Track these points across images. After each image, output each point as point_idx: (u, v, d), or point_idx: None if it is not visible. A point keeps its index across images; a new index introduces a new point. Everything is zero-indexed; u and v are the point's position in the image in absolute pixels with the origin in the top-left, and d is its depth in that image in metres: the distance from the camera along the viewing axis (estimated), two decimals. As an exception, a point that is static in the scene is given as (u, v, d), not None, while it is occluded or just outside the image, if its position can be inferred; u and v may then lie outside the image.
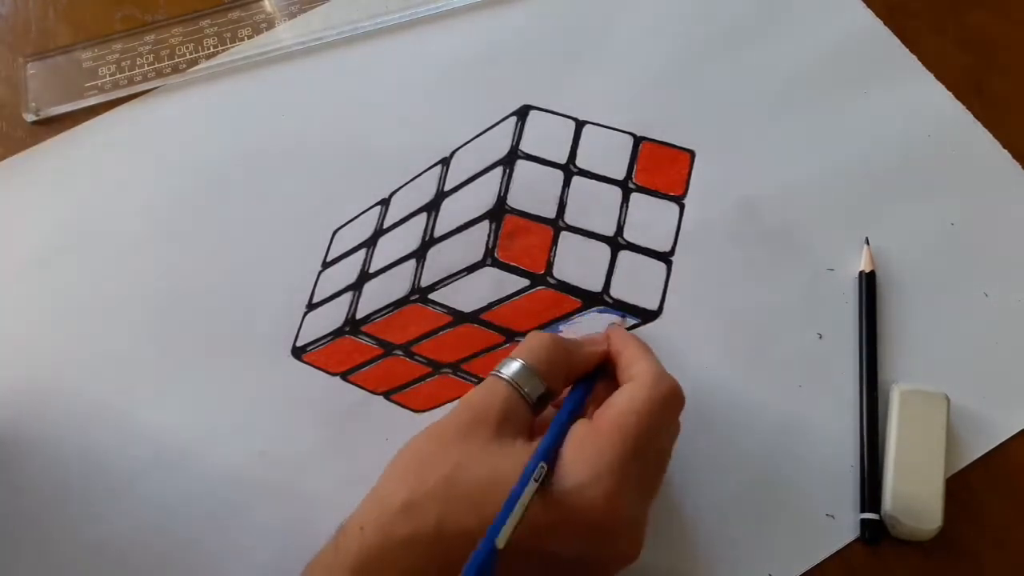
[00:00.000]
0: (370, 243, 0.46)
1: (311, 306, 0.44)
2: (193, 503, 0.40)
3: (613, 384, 0.35)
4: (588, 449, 0.31)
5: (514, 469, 0.30)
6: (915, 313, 0.43)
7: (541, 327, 0.43)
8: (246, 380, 0.43)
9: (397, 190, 0.47)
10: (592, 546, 0.31)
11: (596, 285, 0.44)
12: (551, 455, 0.31)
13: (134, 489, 0.40)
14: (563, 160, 0.47)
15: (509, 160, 0.47)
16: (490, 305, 0.44)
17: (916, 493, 0.38)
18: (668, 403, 0.33)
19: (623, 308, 0.43)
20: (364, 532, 0.31)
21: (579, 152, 0.47)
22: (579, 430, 0.32)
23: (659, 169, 0.47)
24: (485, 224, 0.45)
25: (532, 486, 0.29)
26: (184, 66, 0.50)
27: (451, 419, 0.33)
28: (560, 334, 0.39)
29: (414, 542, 0.30)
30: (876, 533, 0.38)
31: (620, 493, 0.31)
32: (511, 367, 0.34)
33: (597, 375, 0.36)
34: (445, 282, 0.44)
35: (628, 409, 0.32)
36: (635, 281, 0.44)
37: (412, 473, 0.32)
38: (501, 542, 0.27)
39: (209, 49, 0.51)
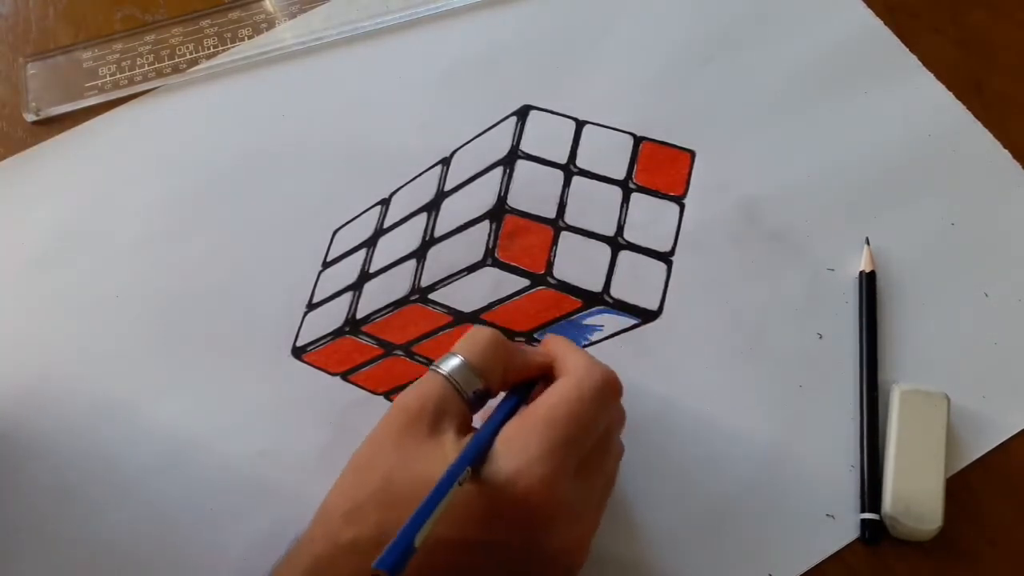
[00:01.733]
0: (370, 243, 0.46)
1: (311, 306, 0.44)
2: (193, 503, 0.40)
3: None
4: (519, 439, 0.31)
5: (447, 466, 0.30)
6: (915, 313, 0.43)
7: (542, 327, 0.43)
8: (246, 380, 0.43)
9: (397, 190, 0.47)
10: (533, 532, 0.31)
11: (596, 285, 0.44)
12: (479, 456, 0.31)
13: (134, 489, 0.40)
14: (563, 160, 0.47)
15: (509, 160, 0.47)
16: (490, 305, 0.44)
17: (916, 493, 0.38)
18: (600, 390, 0.33)
19: (623, 308, 0.43)
20: (314, 543, 0.32)
21: (579, 152, 0.47)
22: (514, 422, 0.32)
23: (659, 169, 0.47)
24: (485, 224, 0.45)
25: (453, 488, 0.29)
26: (184, 66, 0.50)
27: (387, 421, 0.33)
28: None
29: (357, 547, 0.31)
30: (876, 533, 0.38)
31: (555, 479, 0.31)
32: (449, 363, 0.34)
33: (534, 384, 0.35)
34: (445, 282, 0.44)
35: (559, 399, 0.32)
36: (635, 281, 0.44)
37: (352, 481, 0.32)
38: (418, 540, 0.27)
39: (209, 49, 0.51)
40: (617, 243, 0.45)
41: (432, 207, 0.46)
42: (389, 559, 0.26)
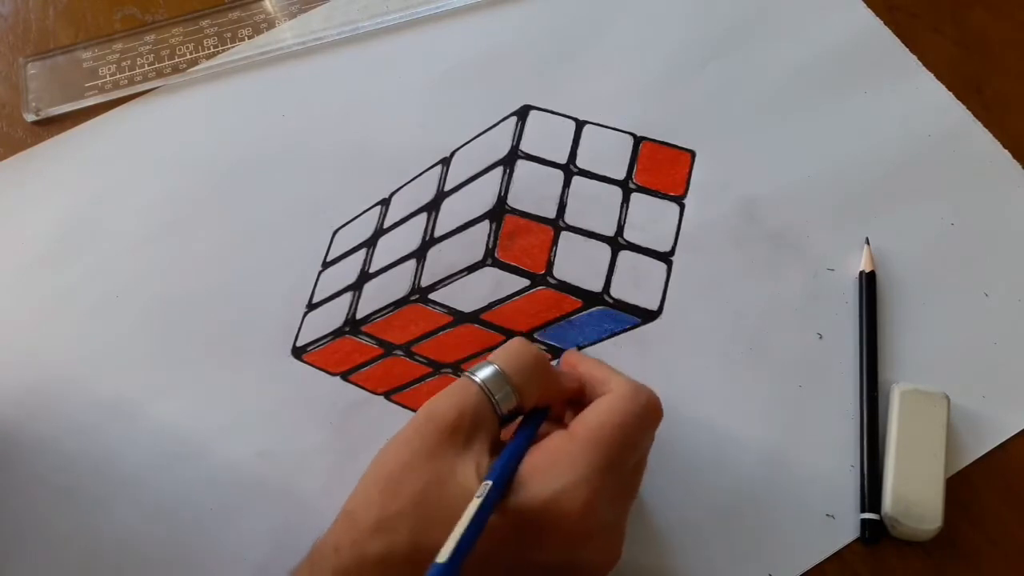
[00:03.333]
0: (370, 243, 0.46)
1: (311, 306, 0.44)
2: (193, 503, 0.40)
3: (579, 405, 0.34)
4: (564, 458, 0.31)
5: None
6: (915, 313, 0.43)
7: (542, 327, 0.43)
8: (246, 380, 0.43)
9: (397, 190, 0.47)
10: (569, 553, 0.31)
11: (596, 285, 0.44)
12: (505, 479, 0.30)
13: (134, 488, 0.40)
14: (563, 160, 0.47)
15: (509, 160, 0.47)
16: (490, 305, 0.44)
17: (916, 493, 0.38)
18: (647, 414, 0.32)
19: (623, 308, 0.43)
20: (339, 553, 0.31)
21: (579, 152, 0.47)
22: (556, 439, 0.32)
23: (659, 169, 0.47)
24: (485, 224, 0.45)
25: (475, 503, 0.29)
26: (184, 66, 0.50)
27: (417, 429, 0.32)
28: None
29: (388, 561, 0.30)
30: (876, 533, 0.38)
31: (596, 502, 0.30)
32: (486, 371, 0.32)
33: (549, 409, 0.35)
34: (445, 282, 0.44)
35: (606, 420, 0.31)
36: (635, 281, 0.44)
37: (383, 490, 0.31)
38: (443, 556, 0.27)
39: (209, 49, 0.51)
40: (617, 243, 0.45)
41: (432, 207, 0.46)
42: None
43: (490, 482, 0.29)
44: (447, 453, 0.31)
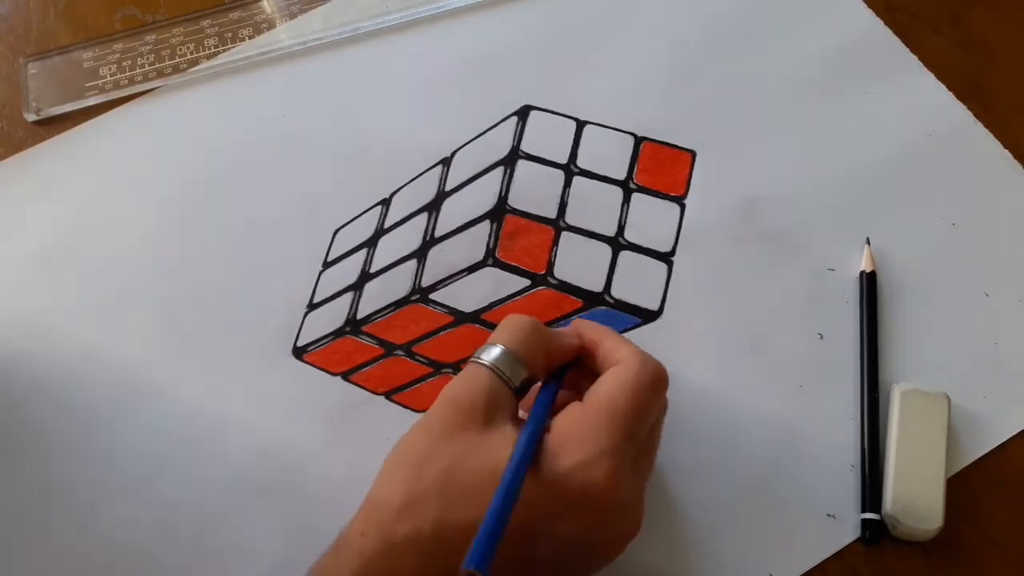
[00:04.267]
0: (371, 243, 0.46)
1: (312, 306, 0.44)
2: (192, 503, 0.40)
3: (591, 374, 0.34)
4: (585, 430, 0.31)
5: (506, 459, 0.30)
6: (915, 313, 0.43)
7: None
8: (246, 380, 0.43)
9: (398, 190, 0.47)
10: (596, 524, 0.31)
11: (597, 285, 0.44)
12: (532, 445, 0.31)
13: (133, 488, 0.40)
14: (564, 160, 0.47)
15: (510, 160, 0.47)
16: (491, 305, 0.44)
17: (916, 493, 0.38)
18: (656, 382, 0.33)
19: (623, 308, 0.43)
20: (365, 537, 0.31)
21: (580, 152, 0.47)
22: (573, 411, 0.32)
23: (660, 169, 0.47)
24: (486, 224, 0.45)
25: (512, 465, 0.29)
26: (184, 66, 0.50)
27: (437, 413, 0.33)
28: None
29: (416, 542, 0.30)
30: (876, 533, 0.38)
31: (619, 472, 0.31)
32: (492, 353, 0.33)
33: (567, 368, 0.36)
34: (446, 282, 0.44)
35: (620, 391, 0.32)
36: (636, 281, 0.44)
37: (407, 473, 0.32)
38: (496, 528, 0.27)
39: (209, 49, 0.51)
40: (617, 243, 0.45)
41: (433, 207, 0.46)
42: (478, 556, 0.27)
43: (519, 452, 0.30)
44: (469, 433, 0.32)
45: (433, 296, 0.44)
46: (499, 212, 0.46)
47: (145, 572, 0.39)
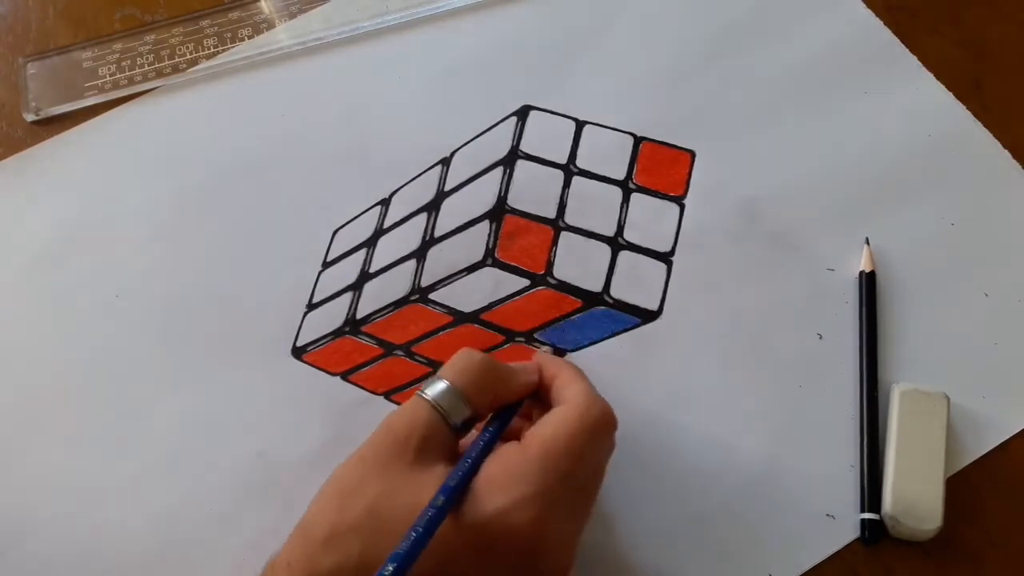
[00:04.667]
0: (370, 243, 0.46)
1: (311, 306, 0.44)
2: (192, 503, 0.40)
3: (545, 408, 0.34)
4: (514, 473, 0.31)
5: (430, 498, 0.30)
6: (915, 313, 0.43)
7: (542, 327, 0.43)
8: (246, 380, 0.43)
9: (397, 190, 0.47)
10: (521, 567, 0.30)
11: (596, 285, 0.44)
12: (461, 487, 0.30)
13: (133, 488, 0.40)
14: (563, 160, 0.47)
15: (509, 160, 0.47)
16: (490, 305, 0.44)
17: (916, 493, 0.38)
18: (598, 425, 0.32)
19: (623, 308, 0.43)
20: (291, 568, 0.31)
21: (579, 152, 0.47)
22: (508, 452, 0.32)
23: (659, 169, 0.47)
24: (485, 224, 0.45)
25: (426, 512, 0.29)
26: (184, 66, 0.50)
27: (372, 445, 0.32)
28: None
29: (339, 574, 0.30)
30: (876, 533, 0.38)
31: (547, 517, 0.30)
32: (436, 388, 0.32)
33: (518, 405, 0.35)
34: (445, 282, 0.44)
35: (557, 432, 0.31)
36: (635, 281, 0.44)
37: (335, 504, 0.31)
38: (389, 566, 0.27)
39: (209, 49, 0.51)
40: (617, 243, 0.45)
41: (432, 207, 0.46)
42: None
43: (442, 495, 0.29)
44: (399, 467, 0.31)
45: (432, 296, 0.44)
46: (498, 212, 0.46)
47: (145, 572, 0.39)
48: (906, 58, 0.49)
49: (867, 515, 0.39)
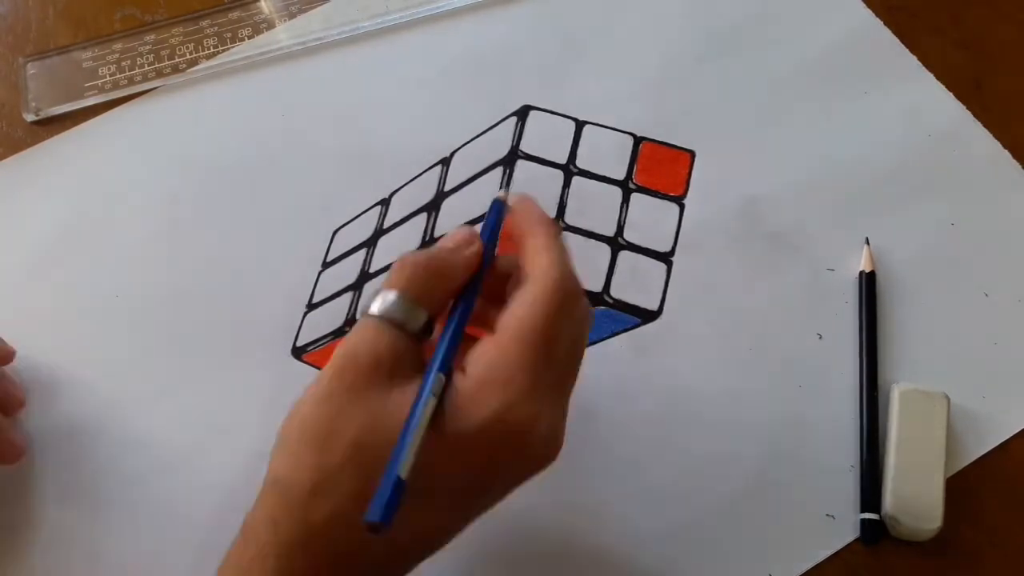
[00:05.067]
0: (370, 243, 0.46)
1: (311, 306, 0.44)
2: (192, 503, 0.40)
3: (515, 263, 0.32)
4: (499, 373, 0.29)
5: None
6: (915, 313, 0.43)
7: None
8: (246, 380, 0.43)
9: (397, 190, 0.47)
10: (523, 456, 0.30)
11: (596, 285, 0.44)
12: (447, 365, 0.29)
13: (133, 489, 0.40)
14: (563, 160, 0.47)
15: (509, 160, 0.47)
16: (490, 305, 0.43)
17: (916, 493, 0.38)
18: (568, 298, 0.30)
19: (623, 308, 0.43)
20: (278, 527, 0.28)
21: (579, 152, 0.47)
22: (486, 349, 0.30)
23: (659, 169, 0.47)
24: (485, 224, 0.45)
25: (432, 402, 0.27)
26: (184, 66, 0.50)
27: (336, 377, 0.30)
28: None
29: (336, 521, 0.28)
30: (876, 533, 0.38)
31: (541, 409, 0.29)
32: (387, 301, 0.30)
33: (478, 282, 0.32)
34: (445, 282, 0.44)
35: (531, 317, 0.29)
36: (635, 281, 0.44)
37: (313, 447, 0.29)
38: (404, 471, 0.25)
39: (209, 49, 0.51)
40: (617, 243, 0.45)
41: (432, 207, 0.46)
42: (378, 505, 0.25)
43: (425, 395, 0.28)
44: (374, 393, 0.29)
45: (433, 296, 0.44)
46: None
47: (144, 572, 0.39)
48: (906, 58, 0.49)
49: (867, 515, 0.39)
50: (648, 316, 0.43)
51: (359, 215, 0.46)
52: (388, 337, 0.30)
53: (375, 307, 0.30)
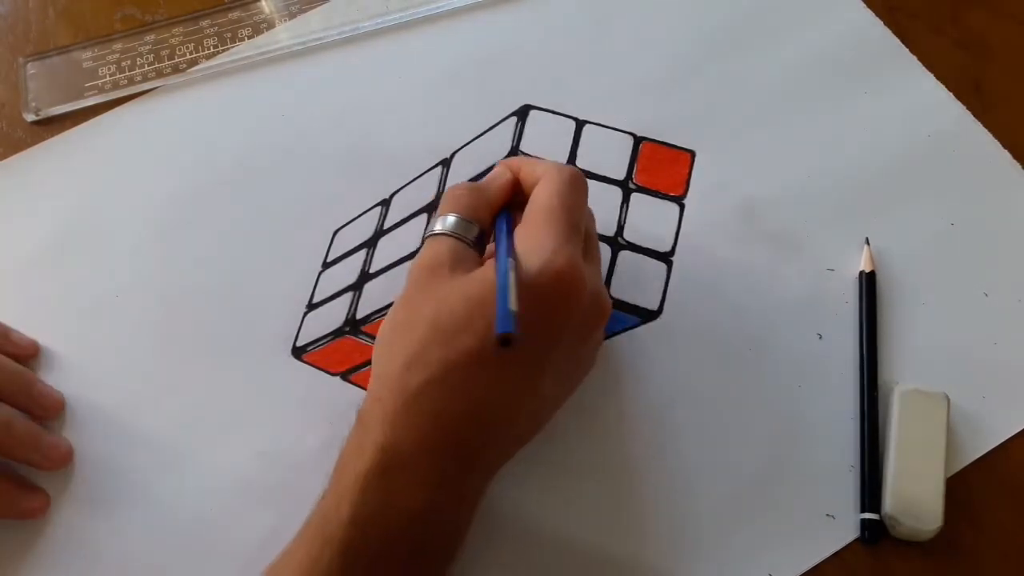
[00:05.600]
0: (371, 243, 0.46)
1: (311, 306, 0.44)
2: (192, 503, 0.40)
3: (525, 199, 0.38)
4: (534, 237, 0.34)
5: (483, 286, 0.33)
6: (915, 313, 0.43)
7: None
8: (246, 380, 0.43)
9: (398, 190, 0.47)
10: (574, 309, 0.33)
11: (596, 285, 0.44)
12: (512, 246, 0.34)
13: (133, 489, 0.40)
14: (563, 160, 0.47)
15: (509, 160, 0.47)
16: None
17: (916, 493, 0.38)
18: (574, 178, 0.36)
19: (623, 308, 0.43)
20: (382, 401, 0.33)
21: (579, 152, 0.47)
22: (519, 231, 0.35)
23: (659, 169, 0.47)
24: (485, 224, 0.45)
25: (511, 262, 0.32)
26: (184, 66, 0.50)
27: (410, 285, 0.35)
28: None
29: (431, 385, 0.32)
30: (876, 533, 0.38)
31: (576, 258, 0.33)
32: (447, 221, 0.36)
33: (512, 203, 0.38)
34: (445, 282, 0.44)
35: (549, 197, 0.35)
36: (635, 281, 0.44)
37: (398, 337, 0.34)
38: (512, 303, 0.30)
39: (209, 49, 0.51)
40: (617, 243, 0.45)
41: (432, 208, 0.46)
42: (501, 318, 0.29)
43: (503, 260, 0.32)
44: (441, 281, 0.34)
45: (433, 296, 0.44)
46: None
47: (144, 571, 0.39)
48: (906, 58, 0.49)
49: (867, 515, 0.39)
50: (648, 316, 0.43)
51: (359, 215, 0.46)
52: (448, 244, 0.36)
53: (437, 227, 0.36)
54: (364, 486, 0.32)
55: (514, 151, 0.47)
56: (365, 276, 0.45)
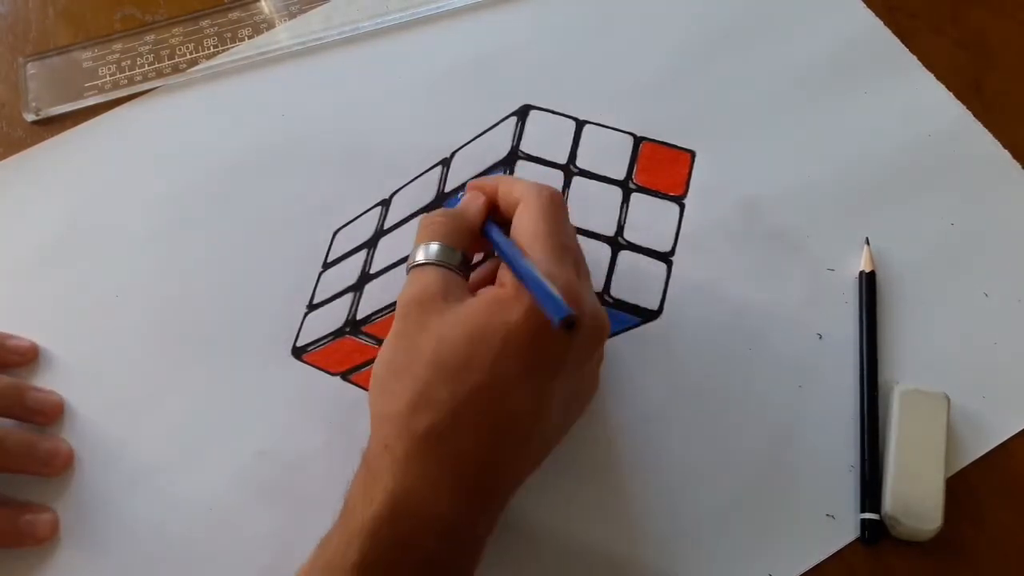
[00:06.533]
0: (371, 244, 0.46)
1: (312, 306, 0.44)
2: (192, 503, 0.40)
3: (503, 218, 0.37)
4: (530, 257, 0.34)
5: (482, 314, 0.32)
6: (915, 313, 0.43)
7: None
8: (246, 380, 0.43)
9: (398, 190, 0.47)
10: (576, 335, 0.33)
11: (596, 285, 0.44)
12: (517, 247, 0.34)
13: (133, 489, 0.40)
14: (563, 160, 0.47)
15: (509, 160, 0.47)
16: (490, 305, 0.43)
17: (916, 493, 0.38)
18: (554, 198, 0.36)
19: (623, 308, 0.43)
20: (390, 448, 0.32)
21: (579, 152, 0.47)
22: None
23: (659, 169, 0.47)
24: (485, 224, 0.45)
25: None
26: (184, 66, 0.50)
27: (399, 319, 0.34)
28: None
29: (439, 427, 0.31)
30: (876, 533, 0.38)
31: (571, 281, 0.33)
32: (430, 250, 0.35)
33: (492, 220, 0.38)
34: (445, 282, 0.44)
35: (533, 220, 0.35)
36: (635, 281, 0.44)
37: (398, 377, 0.33)
38: (552, 289, 0.30)
39: (209, 49, 0.51)
40: (617, 243, 0.45)
41: (433, 207, 0.46)
42: (560, 310, 0.29)
43: (521, 257, 0.33)
44: (434, 317, 0.33)
45: (433, 296, 0.44)
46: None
47: (144, 571, 0.39)
48: (906, 58, 0.49)
49: (867, 515, 0.39)
50: (648, 316, 0.43)
51: (360, 215, 0.46)
52: (436, 274, 0.35)
53: (420, 256, 0.35)
54: (373, 531, 0.31)
55: (514, 151, 0.47)
56: (365, 276, 0.45)
